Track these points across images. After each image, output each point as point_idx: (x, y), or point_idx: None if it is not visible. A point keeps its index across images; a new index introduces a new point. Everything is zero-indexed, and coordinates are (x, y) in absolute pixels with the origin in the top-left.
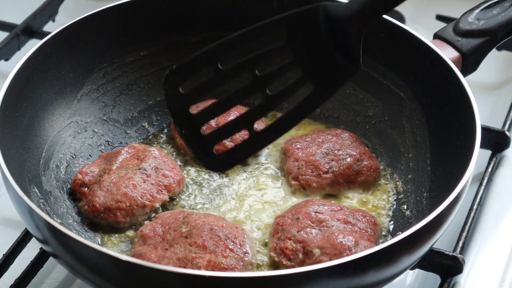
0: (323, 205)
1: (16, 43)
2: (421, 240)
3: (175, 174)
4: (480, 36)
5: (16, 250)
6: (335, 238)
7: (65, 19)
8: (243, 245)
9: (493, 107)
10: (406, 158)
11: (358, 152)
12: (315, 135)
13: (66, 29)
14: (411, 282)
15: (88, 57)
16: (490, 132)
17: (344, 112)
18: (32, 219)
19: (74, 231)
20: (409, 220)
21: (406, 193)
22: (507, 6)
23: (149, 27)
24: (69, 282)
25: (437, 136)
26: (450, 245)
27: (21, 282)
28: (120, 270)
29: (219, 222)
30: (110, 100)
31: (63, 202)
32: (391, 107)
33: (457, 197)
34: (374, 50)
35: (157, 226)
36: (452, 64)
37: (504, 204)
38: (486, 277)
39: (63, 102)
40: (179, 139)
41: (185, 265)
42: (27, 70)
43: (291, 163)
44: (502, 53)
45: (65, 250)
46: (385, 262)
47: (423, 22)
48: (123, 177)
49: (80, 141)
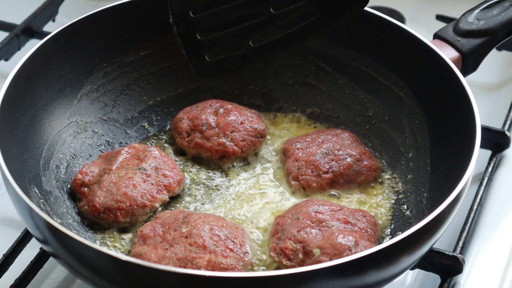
0: (323, 205)
1: (16, 43)
2: (421, 240)
3: (175, 174)
4: (480, 36)
5: (16, 250)
6: (335, 238)
7: (65, 19)
8: (243, 245)
9: (493, 107)
10: (406, 158)
11: (358, 152)
12: (315, 135)
13: (66, 29)
14: (411, 282)
15: (88, 57)
16: (490, 132)
17: (344, 112)
18: (32, 219)
19: (74, 231)
20: (409, 220)
21: (406, 193)
22: (507, 6)
23: (149, 27)
24: (69, 282)
25: (437, 136)
26: (450, 245)
27: (21, 282)
28: (120, 270)
29: (219, 222)
30: (110, 100)
31: (63, 202)
32: (391, 107)
33: (457, 197)
34: (374, 50)
35: (157, 226)
36: (452, 64)
37: (504, 204)
38: (486, 277)
39: (63, 102)
40: (179, 139)
41: (185, 265)
42: (27, 70)
43: (291, 163)
44: (502, 53)
45: (65, 250)
46: (385, 262)
47: (423, 22)
48: (123, 177)
49: (80, 141)
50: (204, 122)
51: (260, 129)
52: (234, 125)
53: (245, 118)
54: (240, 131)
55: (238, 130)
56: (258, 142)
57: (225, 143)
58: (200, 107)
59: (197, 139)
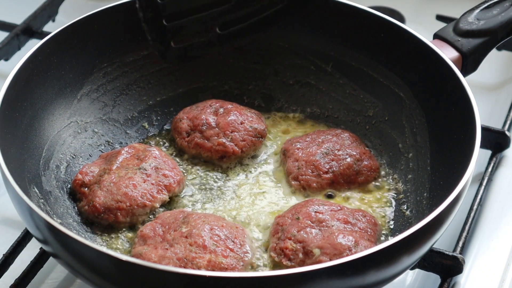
0: (323, 205)
1: (16, 43)
2: (421, 240)
3: (175, 174)
4: (480, 36)
5: (16, 250)
6: (335, 238)
7: (65, 19)
8: (243, 245)
9: (493, 107)
10: (406, 158)
11: (358, 152)
12: (315, 135)
13: (66, 29)
14: (411, 282)
15: (88, 57)
16: (490, 132)
17: (344, 112)
18: (32, 219)
19: (74, 231)
20: (409, 220)
21: (406, 193)
22: (507, 6)
23: None
24: (69, 282)
25: (437, 136)
26: (450, 245)
27: (21, 282)
28: (120, 270)
29: (219, 222)
30: (110, 100)
31: (63, 202)
32: (391, 107)
33: (457, 197)
34: (374, 50)
35: (157, 226)
36: (452, 64)
37: (504, 204)
38: (486, 277)
39: (63, 102)
40: (179, 139)
41: (185, 265)
42: (27, 70)
43: (291, 163)
44: (502, 53)
45: (65, 250)
46: (385, 262)
47: (423, 22)
48: (123, 177)
49: (80, 141)
50: (204, 122)
51: (260, 129)
52: (234, 125)
53: (245, 118)
54: (240, 131)
55: (238, 130)
56: (258, 142)
57: (225, 143)
58: (200, 107)
59: (197, 139)
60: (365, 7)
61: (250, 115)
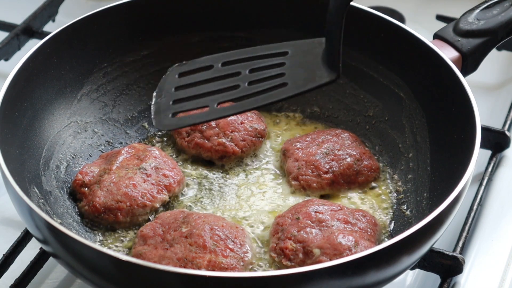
0: (323, 205)
1: (16, 43)
2: (421, 240)
3: (175, 174)
4: (480, 36)
5: (16, 250)
6: (335, 238)
7: (65, 19)
8: (243, 245)
9: (493, 107)
10: (406, 158)
11: (358, 152)
12: (315, 135)
13: (66, 29)
14: (411, 282)
15: (88, 57)
16: (490, 132)
17: (344, 112)
18: (32, 219)
19: (74, 231)
20: (409, 220)
21: (406, 193)
22: (507, 6)
23: (149, 27)
24: (69, 282)
25: (437, 136)
26: (450, 245)
27: (21, 282)
28: (120, 270)
29: (219, 222)
30: (110, 100)
31: (63, 202)
32: (391, 107)
33: (457, 197)
34: (374, 50)
35: (157, 226)
36: (452, 64)
37: (504, 204)
38: (486, 277)
39: (63, 102)
40: (179, 139)
41: (185, 265)
42: (27, 70)
43: (291, 163)
44: (502, 53)
45: (65, 250)
46: (385, 262)
47: (423, 22)
48: (123, 177)
49: (80, 141)
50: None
51: (260, 129)
52: (234, 125)
53: (245, 118)
54: (240, 131)
55: (238, 130)
56: (258, 142)
57: (225, 143)
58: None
59: (197, 139)
60: (365, 7)
61: (250, 115)
